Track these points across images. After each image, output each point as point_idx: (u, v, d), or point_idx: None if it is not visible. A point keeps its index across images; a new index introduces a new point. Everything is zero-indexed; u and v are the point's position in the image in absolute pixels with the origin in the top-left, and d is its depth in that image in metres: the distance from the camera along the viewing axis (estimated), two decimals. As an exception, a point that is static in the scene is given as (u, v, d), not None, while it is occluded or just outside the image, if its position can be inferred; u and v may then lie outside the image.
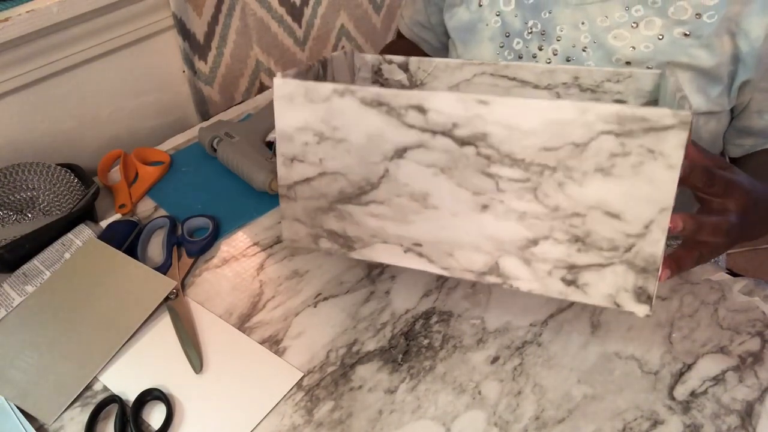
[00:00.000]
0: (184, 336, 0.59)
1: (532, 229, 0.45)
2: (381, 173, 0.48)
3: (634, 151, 0.40)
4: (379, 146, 0.47)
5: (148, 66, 0.92)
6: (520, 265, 0.47)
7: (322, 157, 0.50)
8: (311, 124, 0.49)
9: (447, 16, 0.74)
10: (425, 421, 0.52)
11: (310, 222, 0.53)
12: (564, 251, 0.45)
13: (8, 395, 0.55)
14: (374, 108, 0.46)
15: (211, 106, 1.00)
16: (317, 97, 0.47)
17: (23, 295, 0.63)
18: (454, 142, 0.45)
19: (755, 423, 0.50)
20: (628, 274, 0.44)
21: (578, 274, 0.46)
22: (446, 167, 0.46)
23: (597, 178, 0.42)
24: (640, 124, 0.39)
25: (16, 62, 0.77)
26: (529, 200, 0.44)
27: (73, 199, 0.74)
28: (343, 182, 0.50)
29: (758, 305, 0.59)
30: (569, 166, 0.42)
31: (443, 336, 0.58)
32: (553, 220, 0.44)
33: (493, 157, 0.44)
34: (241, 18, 0.98)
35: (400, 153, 0.47)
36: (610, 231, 0.43)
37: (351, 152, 0.48)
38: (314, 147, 0.50)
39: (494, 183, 0.45)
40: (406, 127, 0.46)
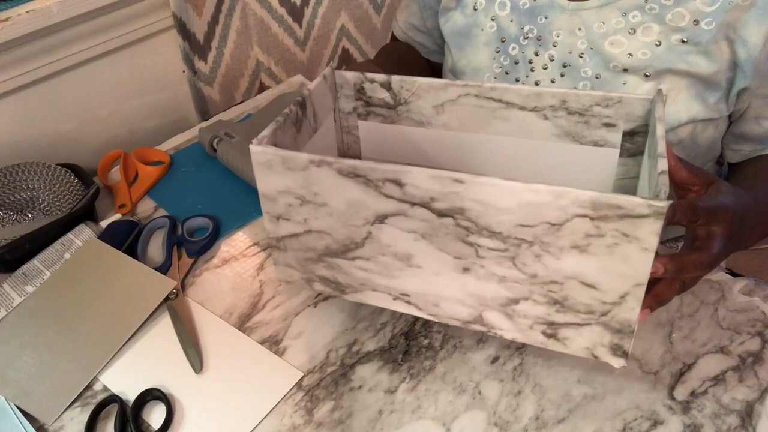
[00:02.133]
0: (184, 336, 0.59)
1: (512, 290, 0.47)
2: (364, 235, 0.49)
3: (609, 233, 0.41)
4: (360, 212, 0.48)
5: (148, 66, 0.92)
6: (502, 318, 0.49)
7: (306, 218, 0.50)
8: (292, 189, 0.49)
9: (442, 20, 0.74)
10: (425, 421, 0.52)
11: (302, 268, 0.55)
12: (543, 310, 0.47)
13: (8, 395, 0.55)
14: (351, 179, 0.46)
15: (211, 106, 1.00)
16: (295, 166, 0.47)
17: (23, 295, 0.63)
18: (433, 213, 0.46)
19: (755, 423, 0.50)
20: (604, 333, 0.46)
21: (557, 330, 0.48)
22: (426, 234, 0.47)
23: (573, 253, 0.43)
24: (615, 211, 0.40)
25: (16, 62, 0.77)
26: (508, 267, 0.46)
27: (73, 199, 0.74)
28: (329, 240, 0.51)
29: (758, 305, 0.59)
30: (545, 241, 0.43)
31: (443, 336, 0.58)
32: (532, 285, 0.46)
33: (471, 228, 0.45)
34: (242, 18, 0.98)
35: (380, 219, 0.48)
36: (587, 298, 0.45)
37: (333, 215, 0.49)
38: (297, 208, 0.50)
39: (474, 250, 0.46)
40: (384, 197, 0.46)
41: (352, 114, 0.62)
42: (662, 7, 0.59)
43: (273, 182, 0.49)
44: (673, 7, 0.59)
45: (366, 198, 0.47)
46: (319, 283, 0.55)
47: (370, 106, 0.61)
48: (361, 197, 0.47)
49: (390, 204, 0.46)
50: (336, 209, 0.49)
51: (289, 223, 0.52)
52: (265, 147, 0.48)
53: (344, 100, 0.61)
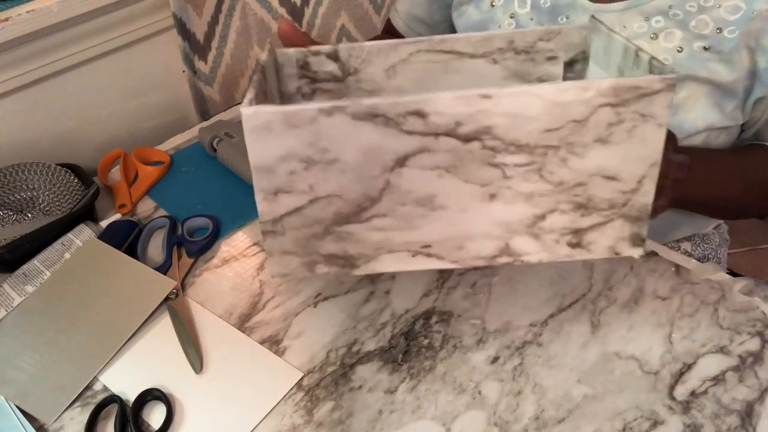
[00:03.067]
0: (184, 336, 0.59)
1: (539, 206, 0.47)
2: (382, 186, 0.46)
3: (628, 117, 0.43)
4: (378, 159, 0.45)
5: (148, 66, 0.92)
6: (529, 241, 0.49)
7: (312, 183, 0.46)
8: (296, 151, 0.44)
9: (455, 14, 0.73)
10: (425, 421, 0.52)
11: (303, 251, 0.49)
12: (569, 219, 0.47)
13: (8, 395, 0.55)
14: (369, 122, 0.43)
15: (211, 106, 1.00)
16: (300, 121, 0.43)
17: (23, 295, 0.63)
18: (458, 141, 0.44)
19: (755, 423, 0.50)
20: (624, 226, 0.47)
21: (582, 236, 0.48)
22: (451, 166, 0.45)
23: (596, 148, 0.44)
24: (633, 93, 0.42)
25: (16, 62, 0.77)
26: (535, 181, 0.46)
27: (73, 199, 0.74)
28: (339, 204, 0.47)
29: (758, 305, 0.59)
30: (571, 142, 0.44)
31: (443, 336, 0.58)
32: (559, 194, 0.46)
33: (498, 147, 0.44)
34: (242, 18, 0.98)
35: (401, 162, 0.45)
36: (609, 192, 0.46)
37: (346, 171, 0.45)
38: (302, 174, 0.45)
39: (500, 172, 0.46)
40: (405, 134, 0.44)
41: (295, 95, 0.58)
42: (686, 14, 0.59)
43: (271, 148, 0.44)
44: (697, 14, 0.58)
45: (385, 141, 0.44)
46: (324, 264, 0.50)
47: (317, 82, 0.57)
48: (379, 141, 0.44)
49: (412, 141, 0.44)
50: (349, 163, 0.45)
51: (289, 195, 0.46)
52: (259, 106, 0.42)
53: (288, 81, 0.57)
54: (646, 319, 0.59)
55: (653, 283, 0.62)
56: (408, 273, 0.65)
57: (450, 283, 0.63)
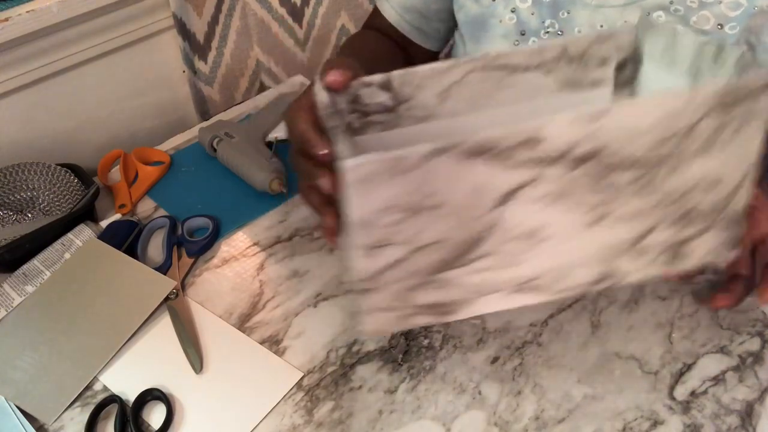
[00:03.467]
0: (184, 336, 0.59)
1: (643, 223, 0.46)
2: (488, 225, 0.43)
3: (736, 118, 0.43)
4: (485, 197, 0.41)
5: (148, 66, 0.92)
6: (632, 261, 0.48)
7: (415, 232, 0.41)
8: (399, 200, 0.39)
9: (456, 6, 0.72)
10: (425, 421, 0.52)
11: (400, 305, 0.45)
12: (671, 232, 0.47)
13: (8, 395, 0.55)
14: (478, 158, 0.39)
15: (211, 106, 1.00)
16: (408, 167, 0.38)
17: (23, 295, 0.63)
18: (570, 165, 0.42)
19: (755, 423, 0.50)
20: (721, 232, 0.47)
21: (680, 248, 0.48)
22: (559, 194, 0.43)
23: (702, 154, 0.44)
24: (739, 94, 0.42)
25: (16, 62, 0.77)
26: (643, 196, 0.45)
27: (73, 199, 0.74)
28: (442, 251, 0.43)
29: (758, 305, 0.59)
30: (680, 150, 0.43)
31: (443, 336, 0.58)
32: (664, 208, 0.46)
33: (612, 165, 0.43)
34: (242, 18, 0.98)
35: (507, 197, 0.42)
36: (711, 198, 0.46)
37: (450, 215, 0.41)
38: (404, 224, 0.41)
39: (610, 192, 0.44)
40: (515, 168, 0.41)
41: (346, 132, 0.53)
42: (687, 10, 0.58)
43: (373, 200, 0.39)
44: (698, 9, 0.58)
45: (494, 176, 0.40)
46: (420, 315, 0.46)
47: (368, 115, 0.53)
48: (487, 178, 0.40)
49: (522, 173, 0.41)
50: (455, 206, 0.41)
51: (390, 248, 0.42)
52: (363, 156, 0.37)
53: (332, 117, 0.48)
54: (646, 319, 0.59)
55: (653, 283, 0.62)
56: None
57: (450, 283, 0.63)
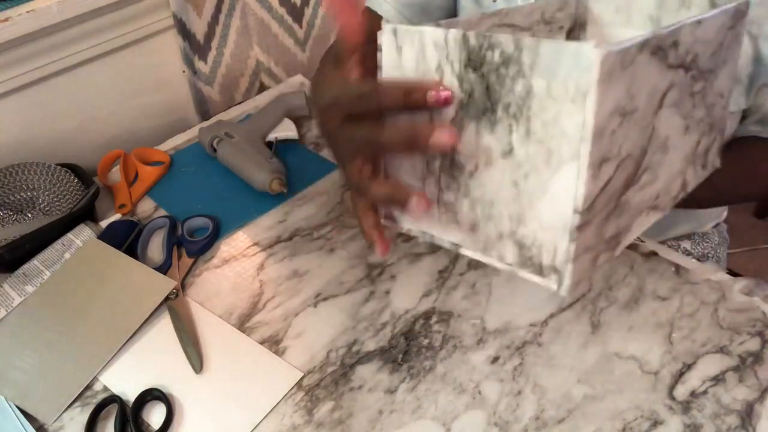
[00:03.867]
0: (184, 336, 0.59)
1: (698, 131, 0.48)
2: (650, 134, 0.40)
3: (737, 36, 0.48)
4: (651, 101, 0.39)
5: (148, 66, 0.92)
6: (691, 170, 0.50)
7: (620, 143, 0.37)
8: (620, 102, 0.35)
9: (458, 7, 0.73)
10: (425, 421, 0.52)
11: (596, 241, 0.38)
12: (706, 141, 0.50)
13: (8, 395, 0.55)
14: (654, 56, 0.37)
15: (211, 106, 1.00)
16: (627, 61, 0.34)
17: (23, 295, 0.63)
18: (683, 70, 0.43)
19: (755, 423, 0.50)
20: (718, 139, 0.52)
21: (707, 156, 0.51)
22: (678, 101, 0.43)
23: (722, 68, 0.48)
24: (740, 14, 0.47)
25: (16, 62, 0.77)
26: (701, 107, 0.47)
27: (73, 199, 0.74)
28: (630, 165, 0.39)
29: (758, 305, 0.59)
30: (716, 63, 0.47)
31: (443, 336, 0.58)
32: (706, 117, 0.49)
33: (696, 76, 0.45)
34: (242, 18, 0.98)
35: (662, 102, 0.40)
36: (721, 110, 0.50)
37: (637, 121, 0.38)
38: (617, 133, 0.36)
39: (693, 101, 0.46)
40: (667, 68, 0.39)
41: None
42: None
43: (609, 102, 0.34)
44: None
45: (659, 76, 0.38)
46: (604, 252, 0.40)
47: None
48: (656, 77, 0.38)
49: (669, 76, 0.40)
50: (640, 110, 0.38)
51: (607, 164, 0.36)
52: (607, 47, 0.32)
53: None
54: (646, 319, 0.59)
55: (653, 283, 0.62)
56: (408, 273, 0.65)
57: (450, 283, 0.63)
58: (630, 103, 0.36)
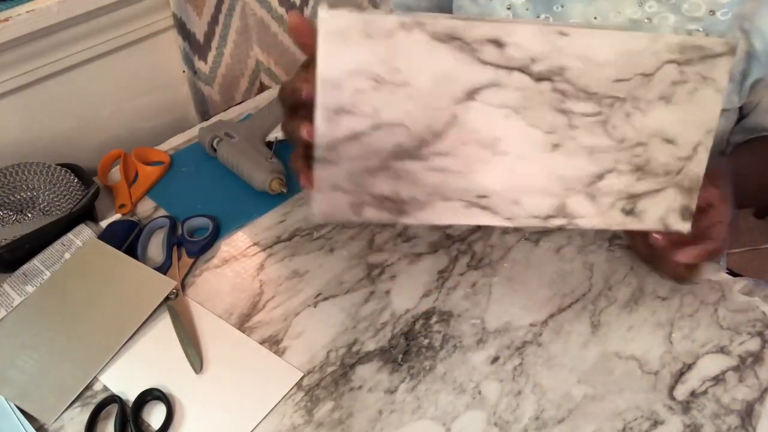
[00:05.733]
0: (184, 336, 0.59)
1: (599, 163, 0.47)
2: (448, 119, 0.43)
3: (691, 77, 0.44)
4: (448, 88, 0.42)
5: (148, 66, 0.92)
6: (585, 202, 0.48)
7: (378, 106, 0.41)
8: (368, 66, 0.40)
9: (454, 8, 0.73)
10: (425, 421, 0.52)
11: (355, 187, 0.44)
12: (626, 181, 0.48)
13: (8, 395, 0.55)
14: (446, 44, 0.40)
15: (211, 106, 1.00)
16: (378, 33, 0.39)
17: (23, 295, 0.63)
18: (531, 78, 0.43)
19: (755, 423, 0.50)
20: (676, 196, 0.48)
21: (636, 203, 0.48)
22: (519, 107, 0.43)
23: (659, 106, 0.45)
24: (698, 53, 0.44)
25: (16, 62, 0.77)
26: (599, 134, 0.46)
27: (73, 199, 0.74)
28: (402, 135, 0.43)
29: (758, 305, 0.59)
30: (637, 96, 0.45)
31: (443, 336, 0.58)
32: (619, 152, 0.47)
33: (568, 92, 0.44)
34: (242, 18, 0.98)
35: (471, 94, 0.42)
36: (666, 156, 0.47)
37: (414, 98, 0.41)
38: (369, 94, 0.41)
39: (567, 119, 0.45)
40: (480, 64, 0.41)
41: None
42: None
43: (343, 59, 0.40)
44: None
45: (459, 67, 0.41)
46: (373, 207, 0.45)
47: None
48: (452, 67, 0.41)
49: (486, 72, 0.42)
50: (419, 89, 0.41)
51: (352, 117, 0.41)
52: (338, 10, 0.38)
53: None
54: (646, 319, 0.59)
55: (653, 283, 0.62)
56: (408, 273, 0.65)
57: (450, 283, 0.63)
58: (390, 73, 0.40)
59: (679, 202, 0.49)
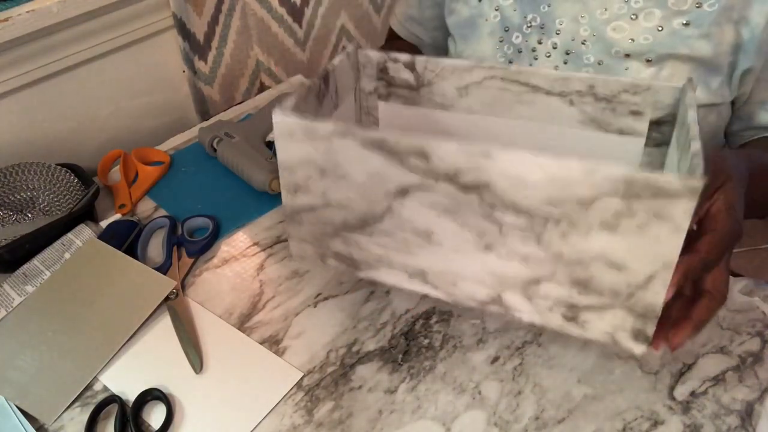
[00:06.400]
0: (184, 336, 0.59)
1: (534, 270, 0.45)
2: (384, 209, 0.48)
3: (640, 212, 0.39)
4: (381, 185, 0.47)
5: (148, 66, 0.92)
6: (521, 300, 0.47)
7: (325, 190, 0.49)
8: (313, 159, 0.48)
9: (447, 12, 0.74)
10: (425, 421, 0.52)
11: (317, 243, 0.53)
12: (565, 292, 0.45)
13: (8, 395, 0.55)
14: (375, 151, 0.45)
15: (211, 106, 1.00)
16: (317, 136, 0.46)
17: (23, 295, 0.63)
18: (457, 189, 0.44)
19: (755, 423, 0.50)
20: (627, 318, 0.44)
21: (578, 313, 0.46)
22: (449, 209, 0.45)
23: (601, 233, 0.41)
24: (648, 189, 0.38)
25: (16, 62, 0.77)
26: (533, 245, 0.44)
27: (73, 199, 0.74)
28: (347, 214, 0.50)
29: (758, 305, 0.59)
30: (573, 220, 0.41)
31: (443, 336, 0.58)
32: (556, 265, 0.44)
33: (496, 205, 0.43)
34: (242, 18, 0.98)
35: (402, 193, 0.46)
36: (612, 280, 0.43)
37: (353, 187, 0.48)
38: (316, 180, 0.49)
39: (497, 228, 0.44)
40: (408, 170, 0.45)
41: (372, 94, 0.62)
42: None
43: (293, 152, 0.48)
44: None
45: (389, 171, 0.45)
46: (333, 260, 0.54)
47: (392, 86, 0.60)
48: (384, 170, 0.46)
49: (413, 177, 0.45)
50: (357, 182, 0.47)
51: (307, 195, 0.50)
52: (287, 116, 0.46)
53: (366, 80, 0.61)
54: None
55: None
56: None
57: (450, 283, 0.63)
58: (332, 167, 0.47)
59: (630, 324, 0.44)
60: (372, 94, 0.62)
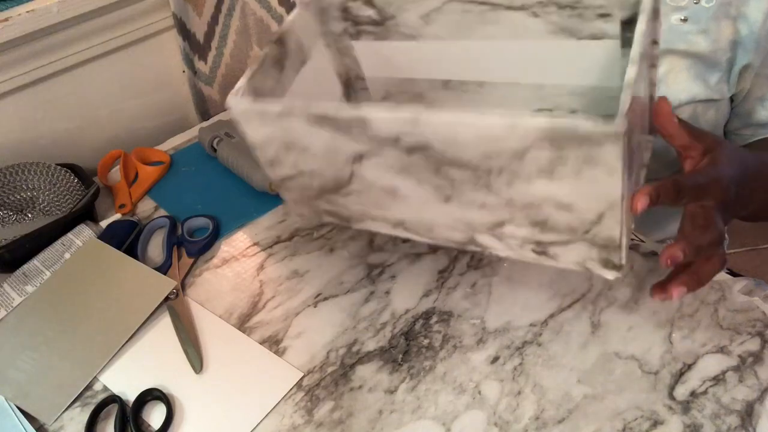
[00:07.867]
0: (184, 336, 0.59)
1: (494, 215, 0.47)
2: (349, 173, 0.49)
3: (571, 159, 0.39)
4: (338, 154, 0.48)
5: (148, 66, 0.92)
6: (493, 239, 0.49)
7: (295, 161, 0.50)
8: (275, 137, 0.49)
9: None
10: (425, 421, 0.52)
11: (308, 204, 0.55)
12: (528, 232, 0.47)
13: (8, 395, 0.55)
14: (321, 125, 0.46)
15: (211, 106, 1.00)
16: (268, 117, 0.47)
17: (23, 295, 0.63)
18: (402, 152, 0.45)
19: (755, 423, 0.50)
20: (591, 249, 0.45)
21: (546, 248, 0.47)
22: (402, 169, 0.46)
23: (541, 178, 0.42)
24: (572, 139, 0.38)
25: (16, 62, 0.77)
26: (485, 194, 0.45)
27: (73, 199, 0.74)
28: (321, 179, 0.51)
29: (758, 305, 0.59)
30: (513, 169, 0.42)
31: (443, 336, 0.58)
32: (511, 209, 0.45)
33: (442, 162, 0.44)
34: (241, 18, 0.98)
35: (358, 159, 0.47)
36: (566, 218, 0.44)
37: (317, 157, 0.49)
38: (285, 154, 0.50)
39: (449, 182, 0.46)
40: (353, 140, 0.46)
41: (343, 35, 0.61)
42: None
43: (256, 132, 0.49)
44: None
45: (338, 142, 0.46)
46: (328, 215, 0.56)
47: (359, 24, 0.59)
48: (334, 142, 0.47)
49: (362, 146, 0.46)
50: (317, 152, 0.48)
51: (282, 167, 0.52)
52: (239, 99, 0.48)
53: (333, 23, 0.60)
54: (646, 319, 0.59)
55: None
56: (408, 273, 0.65)
57: (450, 283, 0.63)
58: (292, 142, 0.48)
59: (596, 254, 0.45)
60: (343, 35, 0.61)
